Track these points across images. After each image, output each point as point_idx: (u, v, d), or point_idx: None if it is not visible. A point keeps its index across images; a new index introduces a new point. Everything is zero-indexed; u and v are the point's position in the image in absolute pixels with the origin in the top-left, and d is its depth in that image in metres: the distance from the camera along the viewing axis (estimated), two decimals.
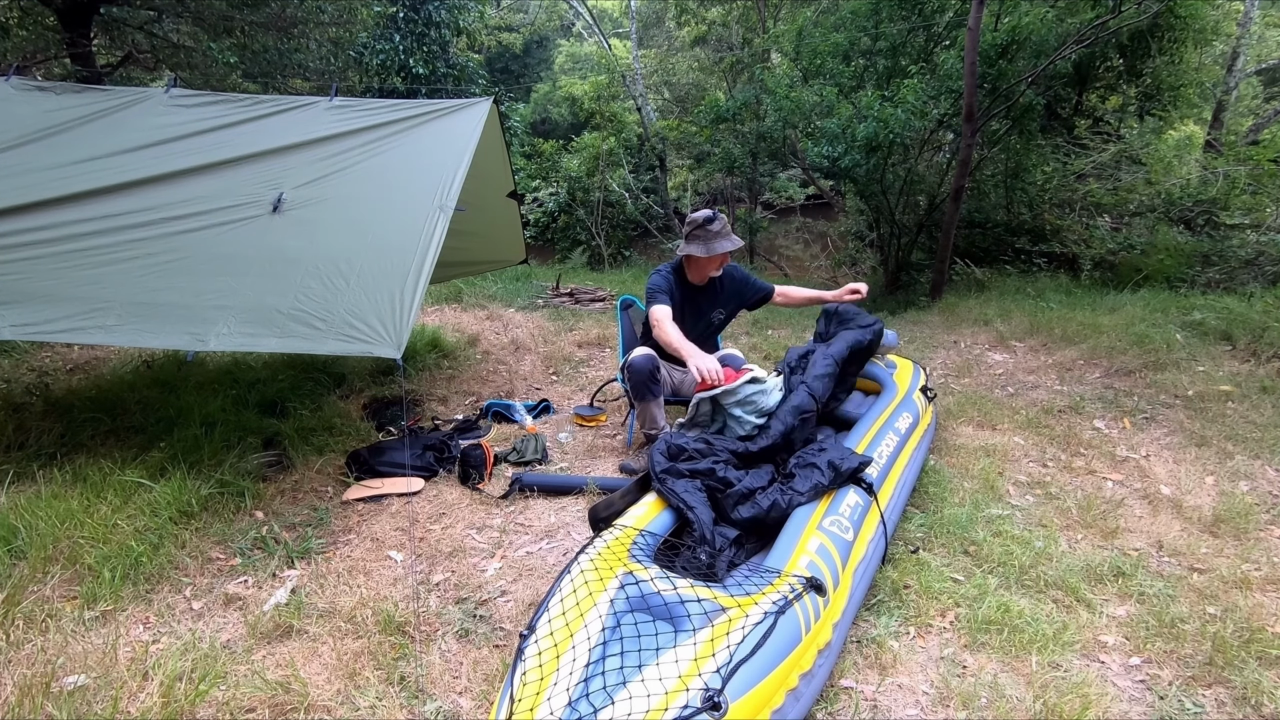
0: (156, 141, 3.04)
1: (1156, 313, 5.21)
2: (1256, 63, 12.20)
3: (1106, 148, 7.85)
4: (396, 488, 2.90)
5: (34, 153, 2.96)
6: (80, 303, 2.56)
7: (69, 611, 2.04)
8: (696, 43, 14.13)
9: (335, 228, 2.82)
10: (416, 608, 2.13)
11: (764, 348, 5.26)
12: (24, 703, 1.66)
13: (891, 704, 1.79)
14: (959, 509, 2.71)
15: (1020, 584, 2.27)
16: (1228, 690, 1.84)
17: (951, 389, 4.30)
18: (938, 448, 3.35)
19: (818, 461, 2.30)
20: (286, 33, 7.85)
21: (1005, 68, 7.15)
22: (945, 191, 7.79)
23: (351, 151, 3.08)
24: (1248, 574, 2.31)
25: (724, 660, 1.45)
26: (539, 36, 20.13)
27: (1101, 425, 3.64)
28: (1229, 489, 2.92)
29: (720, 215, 3.05)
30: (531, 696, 1.43)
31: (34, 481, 2.62)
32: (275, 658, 1.92)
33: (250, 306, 2.57)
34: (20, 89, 3.23)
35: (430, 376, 4.41)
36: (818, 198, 13.57)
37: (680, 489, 2.19)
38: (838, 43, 8.39)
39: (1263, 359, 4.28)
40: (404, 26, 10.96)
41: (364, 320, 2.51)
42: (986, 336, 5.51)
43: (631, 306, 3.83)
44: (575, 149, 12.82)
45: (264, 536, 2.51)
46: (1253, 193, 6.80)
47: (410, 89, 11.06)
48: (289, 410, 3.54)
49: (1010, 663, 1.92)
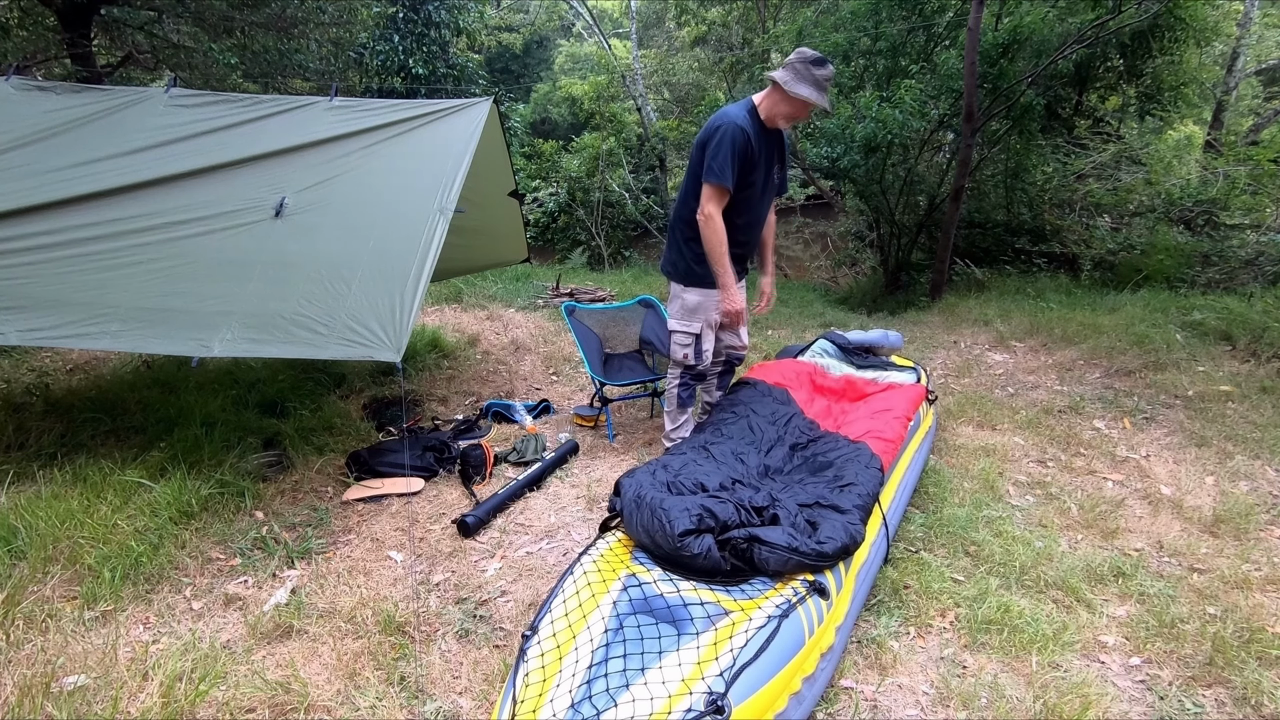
0: (158, 143, 3.04)
1: (1156, 313, 5.21)
2: (1256, 63, 12.19)
3: (1106, 148, 7.85)
4: (396, 488, 2.90)
5: (35, 154, 2.95)
6: (85, 308, 2.57)
7: (69, 611, 2.04)
8: (696, 43, 14.13)
9: (336, 232, 2.83)
10: (416, 608, 2.13)
11: (764, 348, 5.25)
12: (24, 703, 1.66)
13: (891, 704, 1.79)
14: (959, 509, 2.71)
15: (1020, 584, 2.27)
16: (1228, 690, 1.84)
17: (951, 389, 4.30)
18: (938, 448, 3.35)
19: (840, 503, 2.05)
20: (287, 33, 7.84)
21: (1005, 68, 7.15)
22: (945, 191, 7.79)
23: (352, 154, 3.08)
24: (1248, 574, 2.31)
25: (727, 664, 1.45)
26: (539, 36, 20.13)
27: (1101, 425, 3.64)
28: (1229, 489, 2.92)
29: None
30: (534, 698, 1.43)
31: (34, 481, 2.62)
32: (275, 658, 1.92)
33: (253, 312, 2.58)
34: (20, 89, 3.23)
35: (430, 377, 4.41)
36: (818, 198, 13.55)
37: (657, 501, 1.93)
38: (838, 43, 8.40)
39: (1263, 359, 4.28)
40: (404, 27, 10.95)
41: (365, 324, 2.52)
42: (986, 336, 5.51)
43: (653, 308, 3.87)
44: (575, 149, 12.82)
45: (264, 536, 2.51)
46: (1253, 193, 6.80)
47: (410, 89, 11.06)
48: (289, 410, 3.54)
49: (1010, 663, 1.92)
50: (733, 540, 1.80)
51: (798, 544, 1.79)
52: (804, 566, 1.79)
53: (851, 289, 10.12)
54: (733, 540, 1.80)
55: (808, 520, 1.96)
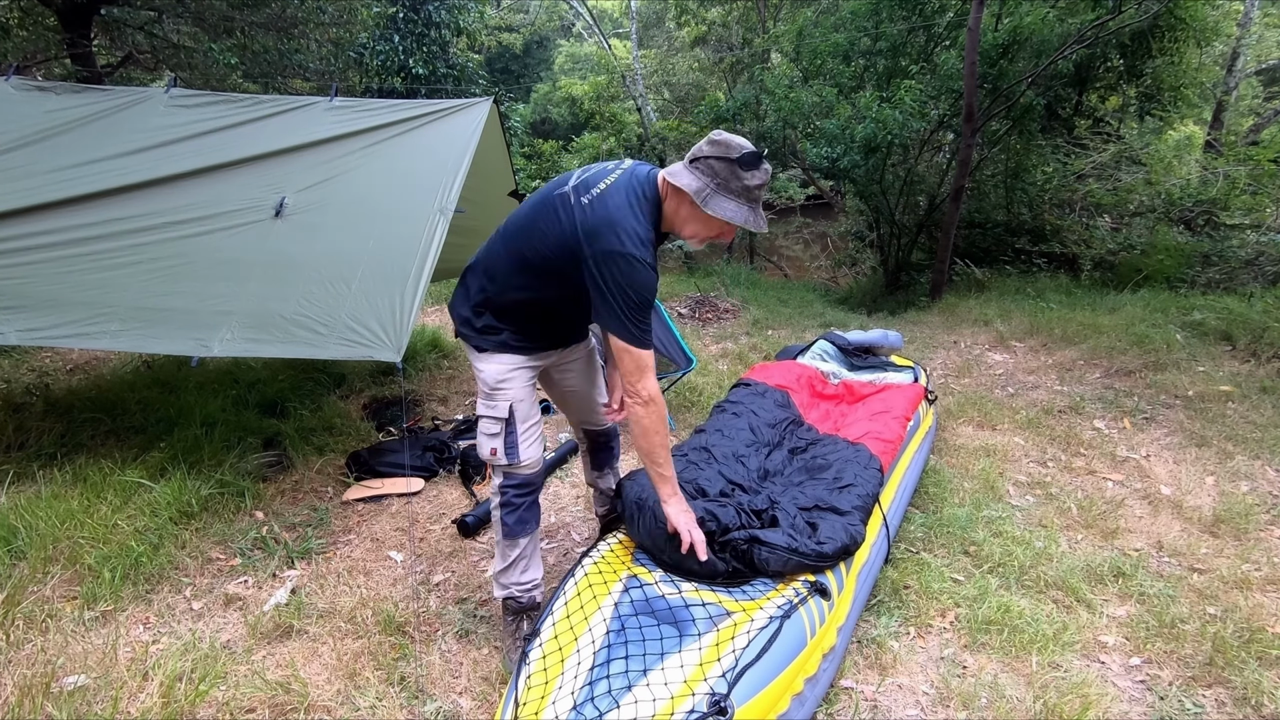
0: (158, 143, 3.04)
1: (1156, 313, 5.21)
2: (1256, 63, 12.20)
3: (1106, 148, 7.85)
4: (396, 488, 2.90)
5: (35, 154, 2.95)
6: (85, 308, 2.57)
7: (69, 611, 2.03)
8: (696, 43, 14.12)
9: (336, 232, 2.83)
10: (416, 608, 2.13)
11: (764, 348, 5.25)
12: (24, 703, 1.66)
13: (891, 704, 1.79)
14: (959, 509, 2.71)
15: (1020, 584, 2.27)
16: (1228, 690, 1.84)
17: (951, 389, 4.30)
18: (938, 448, 3.35)
19: (839, 504, 2.03)
20: (287, 33, 7.84)
21: (1005, 68, 7.15)
22: (945, 191, 7.80)
23: (352, 154, 3.08)
24: (1248, 574, 2.31)
25: (729, 665, 1.45)
26: (539, 37, 20.12)
27: (1101, 425, 3.64)
28: (1229, 489, 2.92)
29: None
30: (536, 700, 1.42)
31: (34, 481, 2.62)
32: (275, 658, 1.92)
33: (253, 311, 2.58)
34: (20, 89, 3.23)
35: (430, 377, 4.41)
36: (818, 198, 13.55)
37: None
38: (838, 43, 8.40)
39: (1263, 359, 4.28)
40: (404, 27, 10.94)
41: (365, 325, 2.52)
42: (986, 337, 5.51)
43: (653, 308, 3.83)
44: (575, 149, 12.82)
45: (264, 536, 2.51)
46: (1253, 193, 6.80)
47: (410, 89, 11.05)
48: (289, 410, 3.54)
49: (1010, 663, 1.92)
50: (733, 542, 1.80)
51: (798, 544, 1.79)
52: (804, 567, 1.78)
53: (851, 289, 10.12)
54: (733, 542, 1.80)
55: (808, 522, 1.96)
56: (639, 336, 1.66)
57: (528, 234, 1.77)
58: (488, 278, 1.86)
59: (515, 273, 1.79)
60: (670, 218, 1.75)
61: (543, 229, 1.72)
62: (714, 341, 5.53)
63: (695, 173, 1.65)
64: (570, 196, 1.69)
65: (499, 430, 1.87)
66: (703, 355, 4.90)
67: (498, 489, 1.92)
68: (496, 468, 1.92)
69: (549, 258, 1.72)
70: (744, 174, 1.63)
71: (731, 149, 1.63)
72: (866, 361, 3.65)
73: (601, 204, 1.66)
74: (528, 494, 1.93)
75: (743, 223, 1.65)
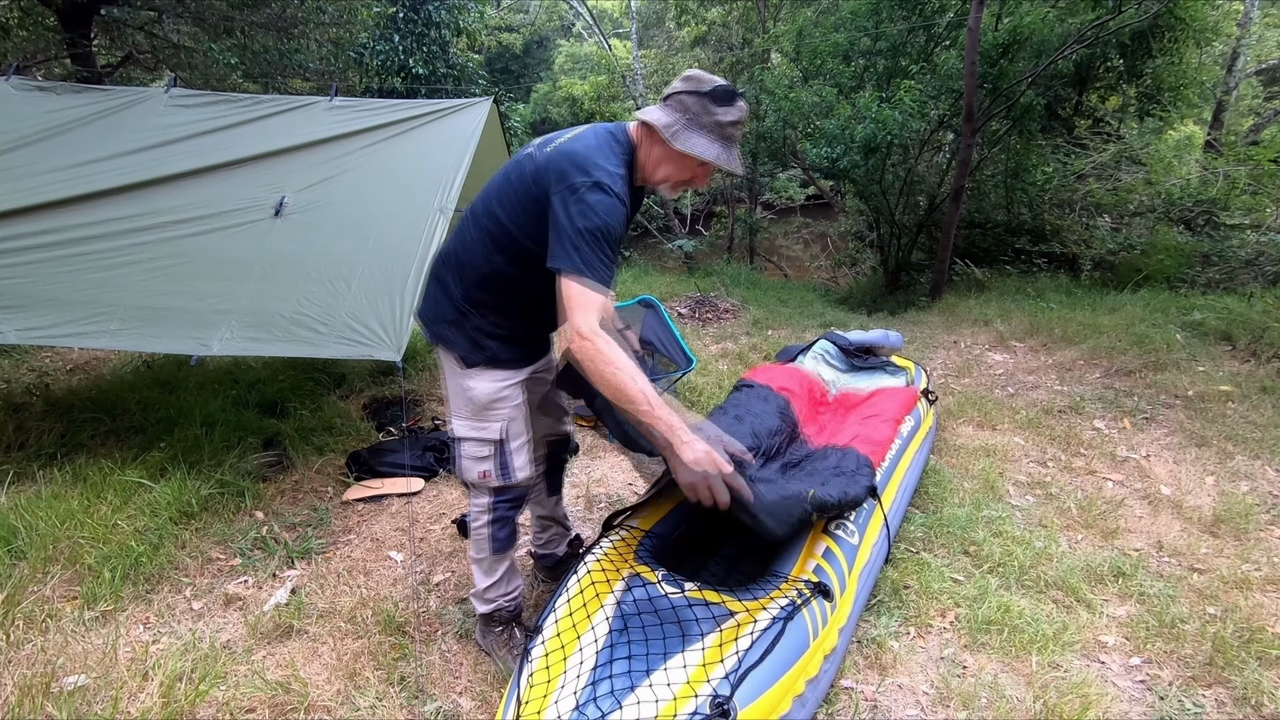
0: (158, 143, 3.04)
1: (1156, 313, 5.21)
2: (1256, 63, 12.20)
3: (1106, 148, 7.85)
4: (396, 488, 2.90)
5: (35, 154, 2.96)
6: (84, 307, 2.58)
7: (69, 611, 2.03)
8: (696, 43, 14.12)
9: (336, 231, 2.83)
10: (416, 608, 2.13)
11: (764, 348, 5.25)
12: (24, 703, 1.66)
13: (891, 704, 1.79)
14: (959, 509, 2.71)
15: (1020, 584, 2.27)
16: (1228, 690, 1.84)
17: (951, 389, 4.30)
18: (938, 448, 3.35)
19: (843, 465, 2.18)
20: (287, 33, 7.85)
21: (1005, 68, 7.15)
22: (945, 191, 7.80)
23: (352, 154, 3.09)
24: (1248, 574, 2.31)
25: (733, 666, 1.45)
26: (539, 36, 20.12)
27: (1101, 425, 3.64)
28: (1229, 489, 2.92)
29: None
30: (538, 700, 1.42)
31: (34, 481, 2.62)
32: (275, 658, 1.92)
33: (253, 310, 2.59)
34: (20, 89, 3.23)
35: (430, 376, 4.41)
36: (818, 198, 13.56)
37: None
38: (838, 43, 8.40)
39: (1263, 359, 4.28)
40: (404, 27, 10.94)
41: (364, 324, 2.52)
42: (986, 337, 5.51)
43: (653, 308, 3.84)
44: None
45: (264, 536, 2.51)
46: (1253, 193, 6.80)
47: (410, 89, 11.04)
48: (289, 410, 3.54)
49: (1010, 663, 1.92)
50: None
51: (824, 494, 1.82)
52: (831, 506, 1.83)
53: (851, 289, 10.12)
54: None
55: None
56: (588, 266, 1.47)
57: (499, 201, 1.67)
58: (465, 268, 1.74)
59: (492, 253, 1.68)
60: (644, 164, 1.66)
61: (510, 195, 1.64)
62: (714, 341, 5.52)
63: (666, 109, 1.59)
64: (535, 153, 1.64)
65: (490, 453, 1.76)
66: (703, 355, 4.90)
67: (487, 506, 1.80)
68: (480, 488, 1.80)
69: (521, 224, 1.62)
70: (716, 109, 1.56)
71: (703, 83, 1.57)
72: (867, 362, 3.65)
73: (569, 145, 1.58)
74: (519, 506, 1.86)
75: (714, 159, 1.57)
